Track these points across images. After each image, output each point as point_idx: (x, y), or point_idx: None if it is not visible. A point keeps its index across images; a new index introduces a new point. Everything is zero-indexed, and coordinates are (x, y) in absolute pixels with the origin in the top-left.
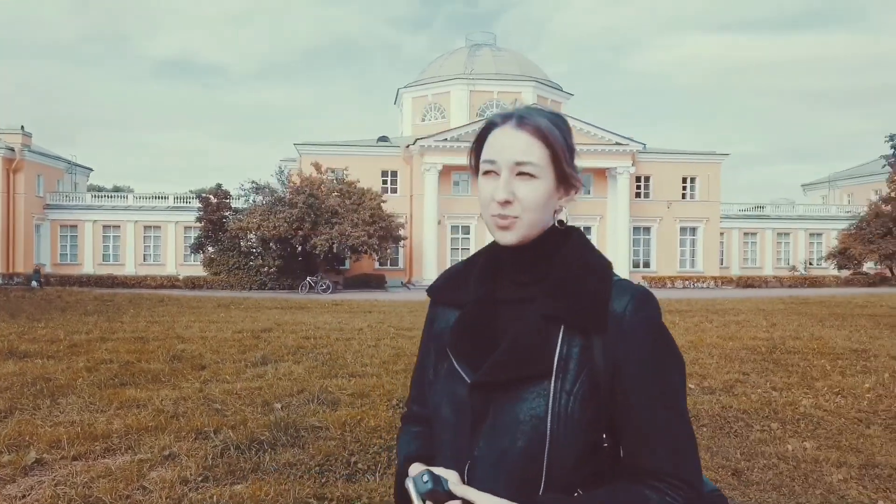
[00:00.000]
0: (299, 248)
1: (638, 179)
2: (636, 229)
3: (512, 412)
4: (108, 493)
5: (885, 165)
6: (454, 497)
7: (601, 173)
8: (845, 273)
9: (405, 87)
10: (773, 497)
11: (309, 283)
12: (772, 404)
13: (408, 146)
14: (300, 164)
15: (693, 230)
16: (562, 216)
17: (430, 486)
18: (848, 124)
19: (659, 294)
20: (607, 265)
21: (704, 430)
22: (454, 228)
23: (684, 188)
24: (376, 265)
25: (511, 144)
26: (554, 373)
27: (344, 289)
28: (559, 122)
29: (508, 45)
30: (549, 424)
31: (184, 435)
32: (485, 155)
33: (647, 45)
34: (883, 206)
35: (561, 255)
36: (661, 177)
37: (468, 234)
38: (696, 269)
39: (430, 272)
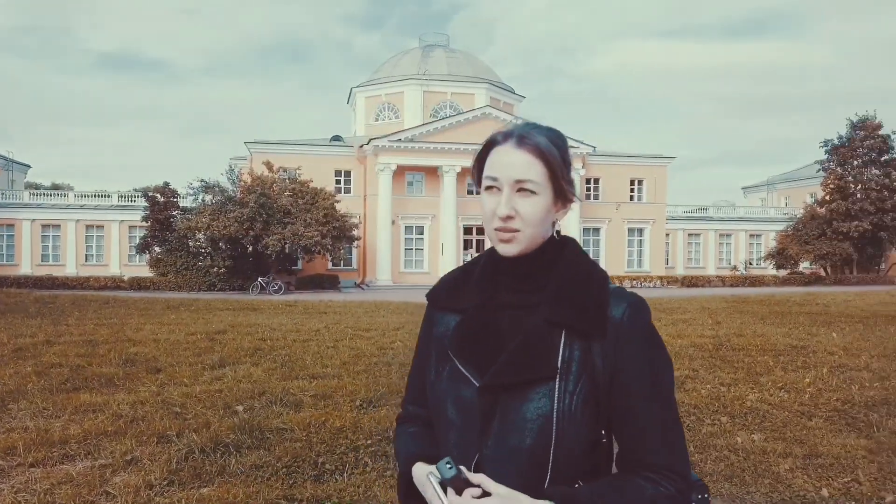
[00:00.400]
0: (250, 249)
1: (588, 181)
2: (586, 230)
3: (519, 412)
4: (71, 499)
5: (819, 170)
6: (472, 485)
7: None
8: (783, 272)
9: (358, 86)
10: (726, 487)
11: (260, 283)
12: (720, 399)
13: (361, 146)
14: (251, 163)
15: (640, 231)
16: (558, 227)
17: (454, 471)
18: (785, 130)
19: None
20: (604, 274)
21: None
22: (408, 229)
23: (632, 190)
24: (329, 265)
25: (511, 162)
26: (558, 375)
27: (296, 289)
28: (557, 139)
29: (460, 46)
30: (554, 423)
31: (145, 439)
32: (487, 171)
33: (594, 50)
34: (818, 208)
35: (561, 264)
36: (610, 179)
37: (422, 234)
38: (644, 268)
39: (384, 273)
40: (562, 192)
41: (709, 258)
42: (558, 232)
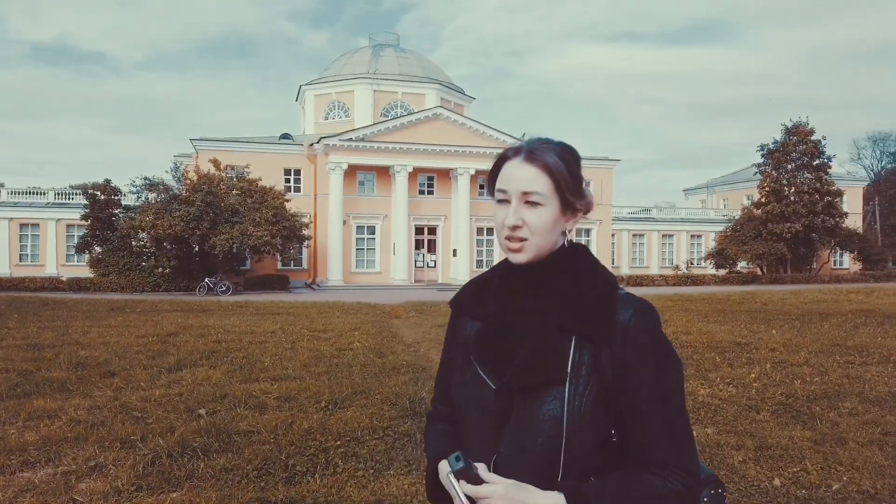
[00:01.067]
0: (196, 248)
1: None
2: None
3: (532, 413)
4: None
5: (756, 173)
6: (483, 481)
7: None
8: (722, 272)
9: (308, 84)
10: None
11: (207, 284)
12: None
13: (311, 144)
14: (197, 161)
15: (588, 231)
16: (569, 236)
17: (461, 464)
18: (724, 134)
19: None
20: (612, 280)
21: None
22: (359, 229)
23: None
24: (279, 266)
25: (519, 176)
26: (568, 378)
27: (245, 290)
28: (566, 154)
29: (410, 46)
30: (564, 423)
31: (107, 445)
32: (498, 184)
33: (541, 53)
34: (754, 210)
35: (571, 270)
36: None
37: (373, 234)
38: None
39: (335, 273)
40: (569, 204)
41: (652, 258)
42: (570, 241)
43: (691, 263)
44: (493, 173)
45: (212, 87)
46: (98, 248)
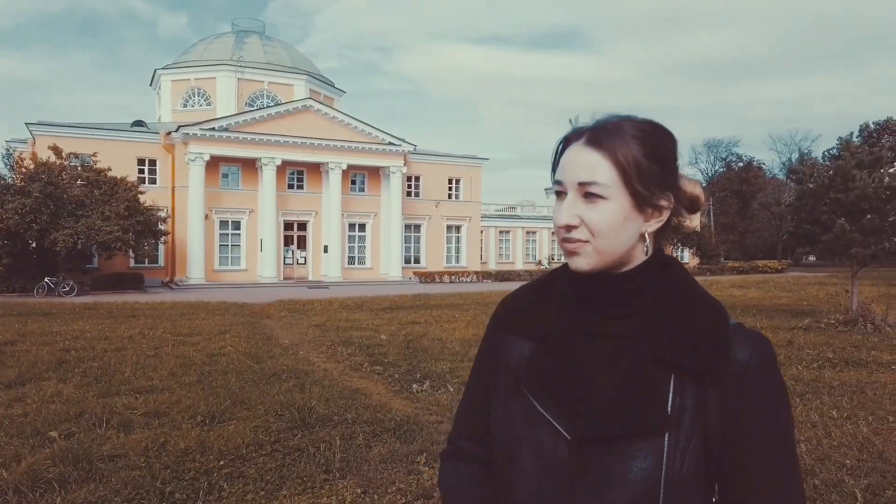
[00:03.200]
0: (34, 245)
1: (409, 179)
2: (408, 227)
3: (618, 471)
4: None
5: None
6: None
7: (376, 172)
8: None
9: (164, 68)
10: None
11: (47, 284)
12: None
13: (169, 133)
14: (34, 147)
15: (458, 228)
16: (648, 241)
17: None
18: None
19: (429, 289)
20: (721, 306)
21: None
22: (223, 224)
23: (450, 189)
24: (132, 263)
25: (578, 162)
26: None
27: (92, 290)
28: (646, 134)
29: (277, 35)
30: (662, 488)
31: None
32: (556, 174)
33: (411, 51)
34: None
35: (662, 287)
36: (429, 177)
37: (239, 229)
38: (461, 264)
39: (196, 271)
40: (644, 199)
41: (517, 254)
42: (658, 249)
43: (552, 259)
44: (554, 162)
45: (52, 66)
46: None
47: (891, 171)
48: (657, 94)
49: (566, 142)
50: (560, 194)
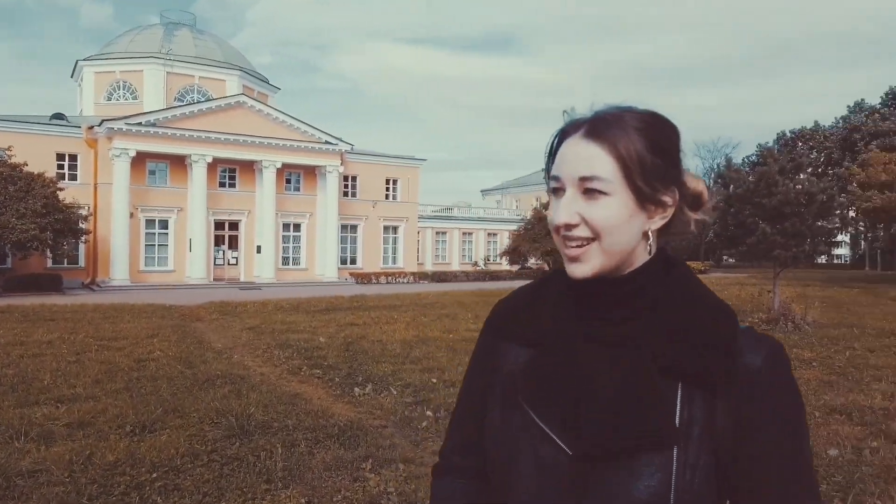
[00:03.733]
0: None
1: (346, 179)
2: (344, 227)
3: (624, 489)
4: None
5: (544, 177)
6: None
7: (311, 171)
8: (515, 267)
9: (87, 59)
10: None
11: None
12: None
13: (92, 127)
14: None
15: (395, 229)
16: (651, 240)
17: None
18: (517, 139)
19: (366, 289)
20: (731, 310)
21: None
22: (149, 223)
23: (388, 189)
24: (50, 263)
25: (576, 156)
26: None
27: (5, 292)
28: (647, 126)
29: (209, 29)
30: None
31: None
32: (552, 170)
33: (347, 49)
34: (543, 210)
35: (665, 289)
36: (367, 177)
37: (166, 228)
38: (398, 265)
39: (120, 272)
40: (646, 196)
41: (453, 255)
42: (661, 248)
43: (488, 260)
44: (550, 156)
45: None
46: None
47: (805, 177)
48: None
49: (562, 135)
50: (557, 191)
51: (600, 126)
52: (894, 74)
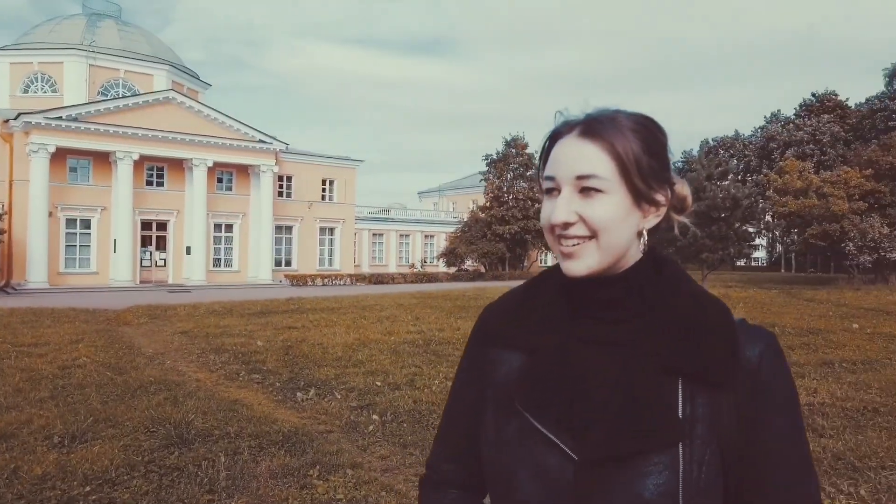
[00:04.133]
0: None
1: (280, 179)
2: (278, 228)
3: (632, 491)
4: None
5: (481, 180)
6: None
7: (244, 170)
8: (452, 269)
9: (1, 49)
10: None
11: None
12: None
13: (6, 121)
14: None
15: (331, 230)
16: (645, 239)
17: None
18: (454, 142)
19: (302, 292)
20: (725, 306)
21: (405, 425)
22: (70, 222)
23: (324, 190)
24: None
25: (573, 155)
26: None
27: None
28: (641, 128)
29: (135, 21)
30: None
31: None
32: (546, 170)
33: (280, 47)
34: (480, 213)
35: (659, 287)
36: (302, 178)
37: (88, 228)
38: (334, 267)
39: (37, 273)
40: (642, 195)
41: (391, 257)
42: (653, 247)
43: (425, 262)
44: (545, 156)
45: None
46: None
47: (730, 183)
48: (523, 103)
49: (555, 136)
50: (551, 191)
51: (596, 126)
52: (808, 87)
